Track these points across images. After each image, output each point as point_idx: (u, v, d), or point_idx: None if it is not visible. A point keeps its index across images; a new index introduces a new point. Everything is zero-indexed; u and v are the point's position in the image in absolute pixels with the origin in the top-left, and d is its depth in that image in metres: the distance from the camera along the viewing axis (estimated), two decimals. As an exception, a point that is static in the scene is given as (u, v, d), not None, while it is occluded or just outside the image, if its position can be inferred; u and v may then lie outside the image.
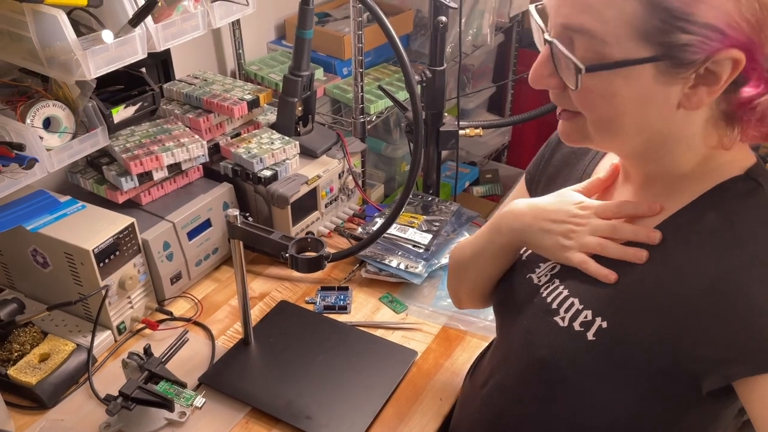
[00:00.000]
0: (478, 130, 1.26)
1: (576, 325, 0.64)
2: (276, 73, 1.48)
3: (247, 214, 0.94)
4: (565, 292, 0.67)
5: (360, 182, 1.31)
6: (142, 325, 1.06)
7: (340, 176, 1.27)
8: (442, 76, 1.20)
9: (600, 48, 0.54)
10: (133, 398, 0.81)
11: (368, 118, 1.46)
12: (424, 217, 1.24)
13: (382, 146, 1.92)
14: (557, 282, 0.69)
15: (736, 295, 0.55)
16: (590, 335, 0.62)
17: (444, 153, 1.44)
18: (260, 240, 0.89)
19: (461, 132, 1.25)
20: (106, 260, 0.97)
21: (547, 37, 0.57)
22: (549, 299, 0.68)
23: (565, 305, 0.66)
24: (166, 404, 0.81)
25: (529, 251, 0.76)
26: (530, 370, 0.69)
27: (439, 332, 1.07)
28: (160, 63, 1.30)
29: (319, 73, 1.58)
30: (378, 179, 1.96)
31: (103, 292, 0.96)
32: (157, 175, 1.09)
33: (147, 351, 0.88)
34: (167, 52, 1.30)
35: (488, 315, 1.09)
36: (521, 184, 0.87)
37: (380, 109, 1.51)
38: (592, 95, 0.57)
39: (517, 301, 0.74)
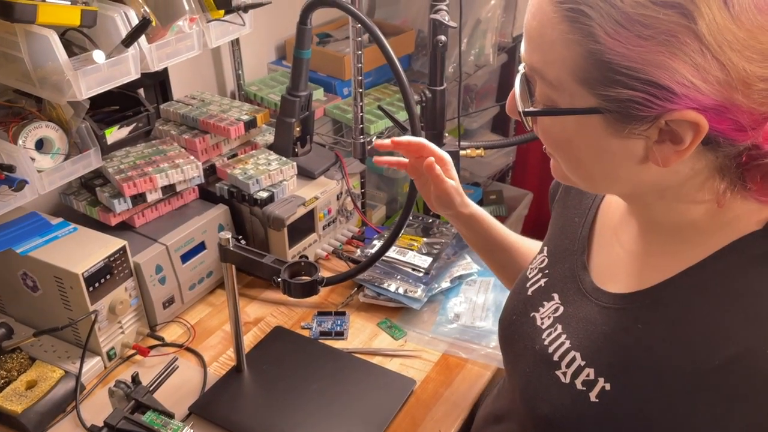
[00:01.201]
0: (479, 151, 1.25)
1: (578, 384, 0.60)
2: (276, 94, 1.48)
3: (240, 237, 0.92)
4: (567, 344, 0.63)
5: (359, 204, 1.29)
6: (132, 351, 1.04)
7: (338, 198, 1.25)
8: (442, 96, 1.19)
9: (549, 91, 0.52)
10: (119, 429, 0.79)
11: (368, 139, 1.45)
12: (425, 239, 1.22)
13: (384, 167, 1.90)
14: (559, 329, 0.65)
15: (756, 376, 0.50)
16: (593, 396, 0.58)
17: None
18: (252, 264, 0.87)
19: (462, 152, 1.23)
20: (96, 284, 0.95)
21: (519, 68, 0.56)
22: (551, 349, 0.65)
23: (567, 359, 0.62)
24: (153, 436, 0.79)
25: (536, 286, 0.73)
26: (535, 425, 0.65)
27: (439, 360, 1.04)
28: (158, 84, 1.30)
29: (320, 94, 1.57)
30: (379, 200, 1.94)
31: (93, 317, 0.94)
32: (151, 197, 1.07)
33: (135, 379, 0.86)
34: (165, 72, 1.30)
35: (490, 342, 1.06)
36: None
37: (380, 130, 1.49)
38: (549, 139, 0.56)
39: (519, 341, 0.71)
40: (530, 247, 0.93)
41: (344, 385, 0.98)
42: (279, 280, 0.83)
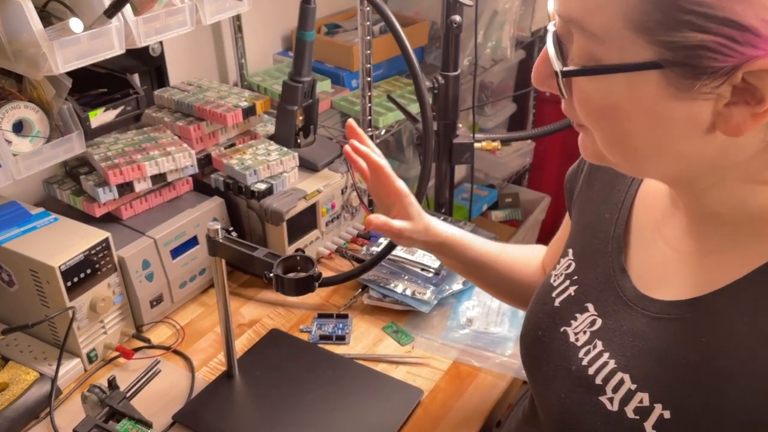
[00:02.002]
0: (495, 144, 1.16)
1: (629, 411, 0.51)
2: (280, 85, 1.40)
3: (231, 229, 0.84)
4: (611, 364, 0.54)
5: (365, 199, 1.21)
6: (115, 353, 0.96)
7: (342, 192, 1.17)
8: (456, 83, 1.11)
9: (592, 46, 0.43)
10: (89, 439, 0.71)
11: (377, 132, 1.37)
12: (435, 238, 1.13)
13: (395, 165, 1.82)
14: (599, 345, 0.56)
15: None
16: (649, 427, 0.49)
17: (458, 175, 1.34)
18: (243, 258, 0.79)
19: (477, 145, 1.15)
20: (75, 279, 0.88)
21: (549, 27, 0.47)
22: (591, 370, 0.55)
23: (613, 382, 0.53)
24: (126, 447, 0.71)
25: (564, 295, 0.63)
26: None
27: (449, 368, 0.95)
28: (154, 70, 1.23)
29: (327, 85, 1.50)
30: (389, 201, 1.86)
31: (70, 314, 0.87)
32: (139, 187, 1.00)
33: (111, 383, 0.78)
34: (161, 58, 1.23)
35: (506, 349, 0.97)
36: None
37: (390, 123, 1.42)
38: (590, 107, 0.46)
39: (549, 361, 0.61)
40: (518, 255, 0.85)
41: (345, 394, 0.89)
42: (271, 275, 0.75)
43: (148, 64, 1.22)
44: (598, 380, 0.54)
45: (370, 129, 1.34)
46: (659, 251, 0.56)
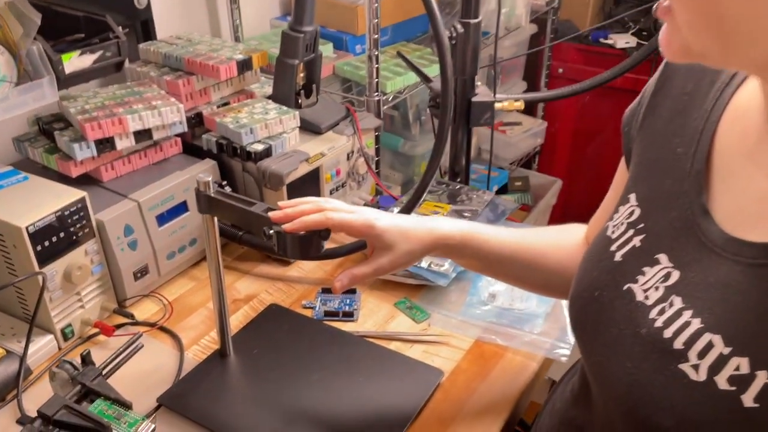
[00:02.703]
0: (518, 104, 1.06)
1: (721, 381, 0.42)
2: (278, 49, 1.30)
3: (224, 183, 0.74)
4: (696, 323, 0.44)
5: (373, 165, 1.10)
6: (94, 330, 0.85)
7: (348, 157, 1.07)
8: (476, 31, 1.00)
9: None
10: (56, 421, 0.60)
11: (384, 98, 1.27)
12: (452, 206, 1.03)
13: (399, 143, 1.72)
14: (678, 302, 0.46)
15: None
16: (748, 399, 0.40)
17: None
18: (238, 214, 0.69)
19: (498, 105, 1.05)
20: (47, 243, 0.77)
21: None
22: (668, 332, 0.46)
23: (698, 345, 0.44)
24: (100, 430, 0.60)
25: (627, 248, 0.53)
26: None
27: (471, 347, 0.85)
28: (141, 24, 1.13)
29: (329, 50, 1.40)
30: (394, 181, 1.76)
31: (40, 280, 0.76)
32: (121, 144, 0.89)
33: (85, 359, 0.67)
34: (148, 11, 1.13)
35: (534, 327, 0.87)
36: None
37: (398, 88, 1.31)
38: None
39: (609, 326, 0.51)
40: (548, 239, 0.74)
41: (353, 376, 0.79)
42: (271, 232, 0.64)
43: (133, 18, 1.11)
44: (678, 344, 0.44)
45: (377, 94, 1.23)
46: (754, 184, 0.46)
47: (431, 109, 1.11)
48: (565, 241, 0.73)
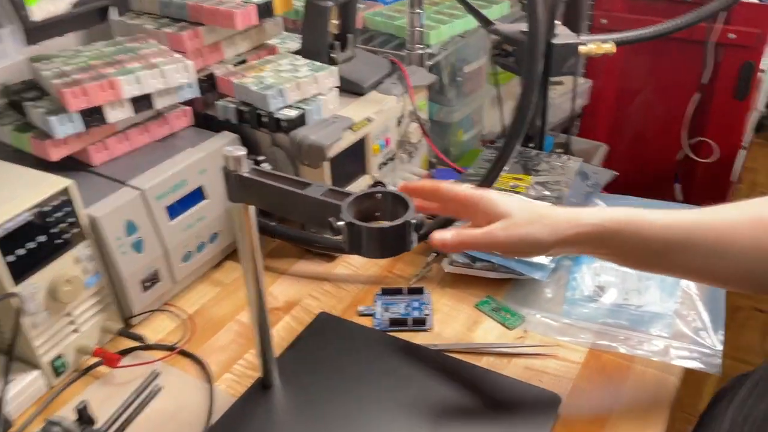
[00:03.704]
0: (608, 46, 0.85)
1: None
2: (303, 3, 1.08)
3: (262, 158, 0.54)
4: None
5: (428, 131, 0.90)
6: (95, 360, 0.66)
7: (399, 123, 0.87)
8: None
9: None
10: None
11: (427, 51, 1.06)
12: (533, 178, 0.84)
13: (434, 109, 1.51)
14: None
15: None
16: None
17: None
18: (286, 200, 0.49)
19: (583, 48, 0.84)
20: (22, 251, 0.58)
21: None
22: None
23: None
24: None
25: None
26: None
27: (587, 359, 0.66)
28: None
29: (354, -1, 1.18)
30: (428, 152, 1.56)
31: (14, 303, 0.57)
32: (114, 115, 0.69)
33: (81, 414, 0.48)
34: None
35: (664, 328, 0.68)
36: None
37: (444, 39, 1.11)
38: None
39: None
40: (732, 215, 0.53)
41: (438, 406, 0.60)
42: (340, 223, 0.45)
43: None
44: None
45: (420, 47, 1.03)
46: None
47: (497, 58, 0.90)
48: (765, 215, 0.53)
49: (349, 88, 0.85)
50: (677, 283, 0.72)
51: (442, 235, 0.53)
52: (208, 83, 0.82)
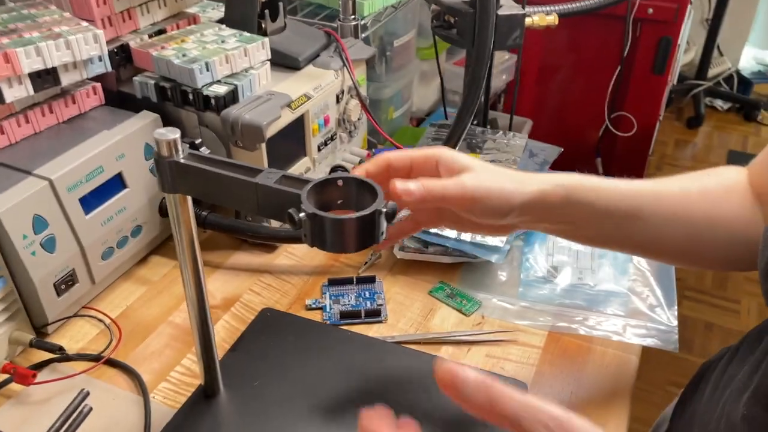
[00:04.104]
0: (550, 18, 0.83)
1: None
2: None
3: (198, 141, 0.48)
4: None
5: (367, 104, 0.85)
6: (4, 377, 0.58)
7: (338, 99, 0.81)
8: None
9: None
10: None
11: (362, 21, 1.00)
12: (481, 156, 0.81)
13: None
14: None
15: None
16: None
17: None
18: (232, 189, 0.43)
19: (528, 21, 0.82)
20: None
21: None
22: None
23: None
24: None
25: None
26: None
27: (546, 343, 0.64)
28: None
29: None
30: (356, 131, 1.51)
31: None
32: (11, 94, 0.60)
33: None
34: None
35: (619, 307, 0.67)
36: None
37: (377, 10, 1.05)
38: None
39: None
40: (683, 185, 0.54)
41: (401, 402, 0.56)
42: (302, 216, 0.39)
43: None
44: None
45: (353, 17, 0.97)
46: None
47: (437, 30, 0.86)
48: (711, 186, 0.53)
49: (283, 62, 0.79)
50: (629, 260, 0.72)
51: (405, 185, 0.45)
52: (121, 56, 0.73)
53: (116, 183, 0.66)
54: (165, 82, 0.71)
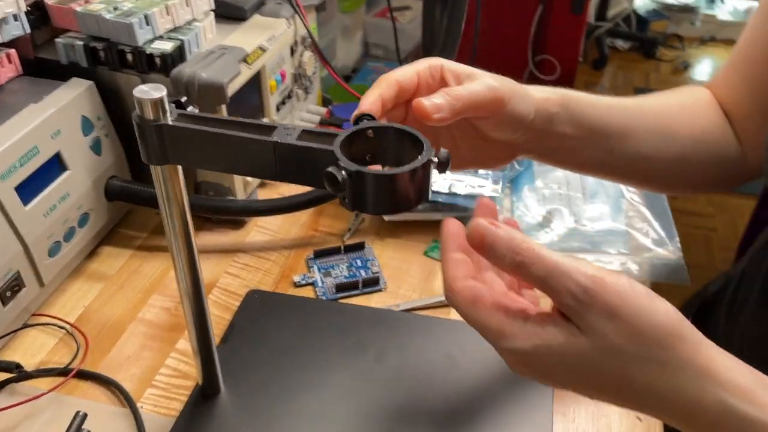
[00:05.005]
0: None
1: None
2: None
3: (184, 99, 0.40)
4: None
5: (324, 53, 0.79)
6: (-49, 410, 0.49)
7: (292, 52, 0.74)
8: None
9: None
10: None
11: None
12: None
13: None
14: None
15: None
16: None
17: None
18: (242, 154, 0.37)
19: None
20: None
21: None
22: None
23: None
24: None
25: None
26: None
27: (557, 291, 0.62)
28: None
29: None
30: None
31: None
32: None
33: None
34: None
35: (620, 246, 0.66)
36: None
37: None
38: None
39: None
40: (662, 101, 0.54)
41: (423, 376, 0.53)
42: (343, 174, 0.33)
43: None
44: None
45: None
46: None
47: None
48: (688, 103, 0.54)
49: (227, 13, 0.71)
50: (621, 196, 0.71)
51: (431, 101, 0.39)
52: (36, 15, 0.62)
53: (54, 165, 0.57)
54: (96, 42, 0.61)
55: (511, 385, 0.52)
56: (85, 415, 0.40)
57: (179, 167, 0.40)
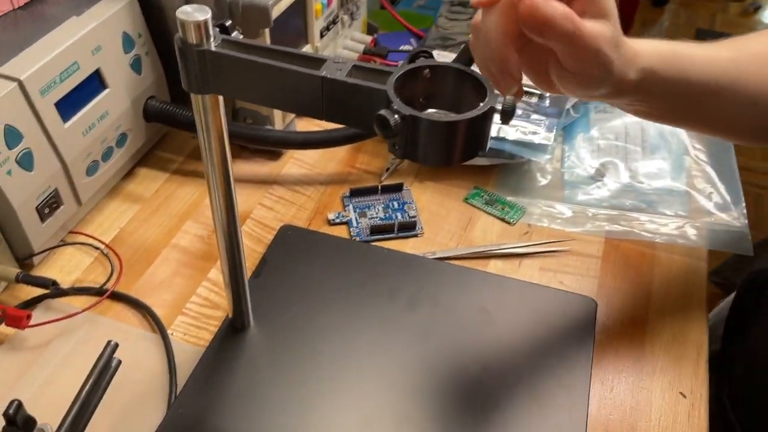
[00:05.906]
0: None
1: None
2: None
3: (228, 22, 0.38)
4: None
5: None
6: (-11, 321, 0.50)
7: (342, -25, 0.71)
8: None
9: None
10: None
11: None
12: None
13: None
14: None
15: None
16: None
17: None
18: (283, 87, 0.36)
19: None
20: None
21: None
22: None
23: None
24: None
25: None
26: None
27: (606, 252, 0.61)
28: None
29: None
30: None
31: None
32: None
33: (13, 420, 0.34)
34: None
35: (680, 207, 0.63)
36: None
37: None
38: None
39: None
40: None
41: (457, 328, 0.53)
42: (396, 118, 0.32)
43: None
44: None
45: None
46: None
47: None
48: (754, 51, 0.48)
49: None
50: (684, 153, 0.68)
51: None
52: None
53: (94, 82, 0.56)
54: (140, -47, 0.59)
55: (547, 348, 0.51)
56: (116, 345, 0.40)
57: (221, 97, 0.39)
